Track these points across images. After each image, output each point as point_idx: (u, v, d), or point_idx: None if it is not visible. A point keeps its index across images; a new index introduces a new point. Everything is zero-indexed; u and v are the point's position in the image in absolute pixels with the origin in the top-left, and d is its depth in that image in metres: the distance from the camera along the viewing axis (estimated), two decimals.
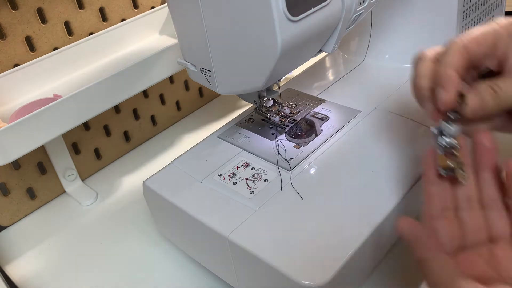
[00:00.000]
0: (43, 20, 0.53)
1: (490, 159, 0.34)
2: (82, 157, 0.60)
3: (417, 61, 0.37)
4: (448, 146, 0.32)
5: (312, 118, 0.49)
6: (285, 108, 0.50)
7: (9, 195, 0.55)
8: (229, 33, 0.36)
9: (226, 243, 0.38)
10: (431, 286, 0.31)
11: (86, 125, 0.60)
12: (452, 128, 0.33)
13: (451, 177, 0.32)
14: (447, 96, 0.34)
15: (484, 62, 0.37)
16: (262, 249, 0.36)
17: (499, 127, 0.39)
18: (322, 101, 0.52)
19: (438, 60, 0.36)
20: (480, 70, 0.38)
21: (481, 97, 0.34)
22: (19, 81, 0.51)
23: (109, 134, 0.63)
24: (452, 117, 0.33)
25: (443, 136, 0.33)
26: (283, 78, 0.45)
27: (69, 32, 0.56)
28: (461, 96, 0.34)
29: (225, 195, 0.41)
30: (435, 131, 0.33)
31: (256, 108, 0.50)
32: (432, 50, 0.37)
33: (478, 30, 0.35)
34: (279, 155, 0.44)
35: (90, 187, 0.60)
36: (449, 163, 0.32)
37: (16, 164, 0.54)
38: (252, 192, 0.41)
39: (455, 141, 0.33)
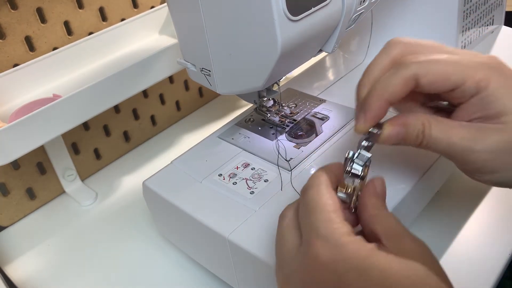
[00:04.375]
0: (43, 20, 0.53)
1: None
2: (81, 157, 0.60)
3: (378, 55, 0.33)
4: (354, 172, 0.31)
5: (312, 118, 0.49)
6: (285, 108, 0.50)
7: (9, 195, 0.55)
8: (229, 32, 0.36)
9: (226, 244, 0.37)
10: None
11: (85, 125, 0.60)
12: (365, 155, 0.31)
13: (343, 201, 0.31)
14: (362, 126, 0.32)
15: (438, 95, 0.33)
16: (262, 250, 0.36)
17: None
18: (322, 101, 0.52)
19: (386, 74, 0.31)
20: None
21: (404, 129, 0.32)
22: (18, 81, 0.51)
23: (109, 134, 0.63)
24: (365, 144, 0.32)
25: (354, 160, 0.31)
26: (283, 78, 0.45)
27: (69, 32, 0.56)
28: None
29: (225, 195, 0.41)
30: (350, 153, 0.32)
31: (256, 108, 0.50)
32: (396, 46, 0.33)
33: (441, 63, 0.32)
34: (279, 155, 0.44)
35: (90, 187, 0.60)
36: (347, 185, 0.31)
37: (15, 164, 0.54)
38: (252, 192, 0.41)
39: (361, 167, 0.31)
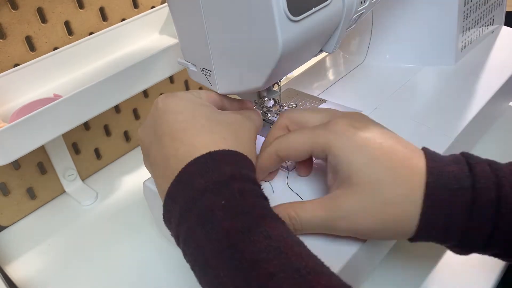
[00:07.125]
0: (43, 19, 0.53)
1: None
2: (82, 157, 0.60)
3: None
4: None
5: None
6: (286, 108, 0.50)
7: (9, 195, 0.55)
8: (230, 33, 0.36)
9: None
10: None
11: (86, 125, 0.60)
12: None
13: None
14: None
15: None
16: None
17: None
18: (322, 101, 0.52)
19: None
20: None
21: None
22: (19, 81, 0.51)
23: (109, 134, 0.63)
24: None
25: None
26: (284, 78, 0.45)
27: (69, 32, 0.56)
28: None
29: None
30: None
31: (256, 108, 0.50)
32: (283, 116, 0.41)
33: (292, 138, 0.37)
34: None
35: (90, 187, 0.60)
36: None
37: (16, 164, 0.54)
38: None
39: None
